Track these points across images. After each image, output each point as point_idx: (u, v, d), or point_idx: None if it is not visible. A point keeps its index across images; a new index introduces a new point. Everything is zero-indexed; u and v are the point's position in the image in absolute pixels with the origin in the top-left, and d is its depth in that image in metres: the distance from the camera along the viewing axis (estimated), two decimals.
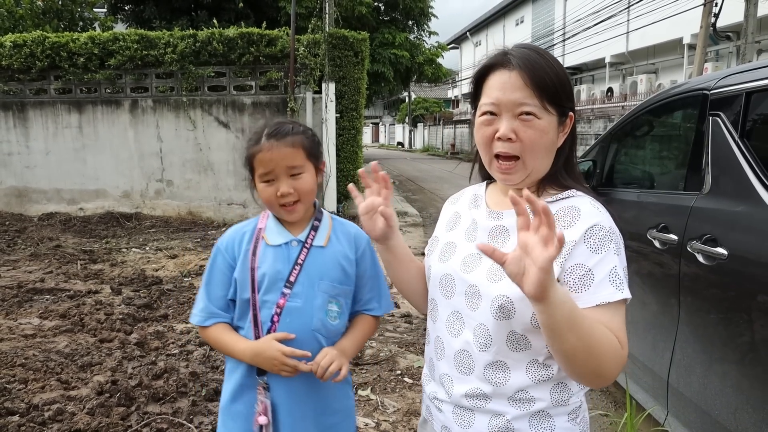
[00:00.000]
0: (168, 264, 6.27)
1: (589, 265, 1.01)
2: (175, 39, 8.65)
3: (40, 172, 9.35)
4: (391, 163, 26.42)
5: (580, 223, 1.04)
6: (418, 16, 17.65)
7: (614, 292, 1.00)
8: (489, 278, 1.10)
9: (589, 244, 1.02)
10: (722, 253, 1.97)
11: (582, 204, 1.07)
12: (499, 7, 32.75)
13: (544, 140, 1.07)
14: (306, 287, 1.39)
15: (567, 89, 1.10)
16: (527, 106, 1.05)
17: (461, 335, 1.14)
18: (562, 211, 1.07)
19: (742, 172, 2.01)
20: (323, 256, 1.42)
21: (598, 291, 1.00)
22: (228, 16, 13.89)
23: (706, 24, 11.98)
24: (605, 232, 1.03)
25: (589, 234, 1.03)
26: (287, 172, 1.36)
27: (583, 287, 1.01)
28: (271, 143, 1.36)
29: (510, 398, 1.10)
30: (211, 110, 8.96)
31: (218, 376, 3.34)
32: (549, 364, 1.09)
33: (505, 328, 1.08)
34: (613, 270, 1.01)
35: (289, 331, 1.38)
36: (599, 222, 1.04)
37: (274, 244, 1.42)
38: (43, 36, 8.88)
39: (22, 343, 3.83)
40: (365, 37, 9.47)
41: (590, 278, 1.01)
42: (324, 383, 1.39)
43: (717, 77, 2.31)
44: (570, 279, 1.02)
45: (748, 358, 1.89)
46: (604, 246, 1.02)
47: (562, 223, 1.05)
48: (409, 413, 2.99)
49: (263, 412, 1.37)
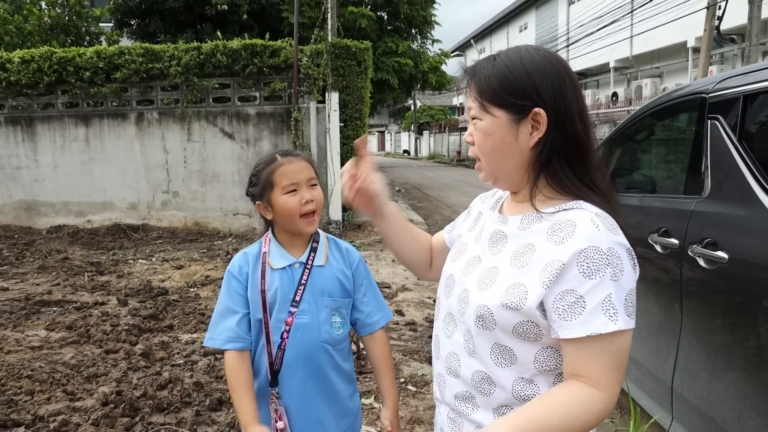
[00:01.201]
0: (174, 275, 6.30)
1: (581, 292, 0.94)
2: (179, 52, 8.74)
3: (48, 185, 9.45)
4: (397, 171, 26.46)
5: (572, 242, 0.96)
6: (421, 25, 17.73)
7: (606, 323, 0.93)
8: (477, 285, 1.08)
9: (582, 268, 0.94)
10: (723, 257, 1.96)
11: (580, 219, 0.98)
12: (503, 14, 32.85)
13: (489, 141, 1.07)
14: (311, 304, 1.51)
15: (517, 86, 1.02)
16: (472, 110, 1.09)
17: (453, 337, 1.14)
18: (557, 225, 1.00)
19: (742, 176, 2.00)
20: (323, 275, 1.54)
21: (589, 321, 0.93)
22: (232, 28, 14.01)
23: (710, 27, 11.95)
24: (601, 255, 0.94)
25: (582, 257, 0.95)
26: (307, 182, 1.50)
27: (573, 315, 0.95)
28: (289, 158, 1.51)
29: (495, 410, 1.08)
30: (215, 121, 9.03)
31: (222, 386, 3.35)
32: (536, 382, 1.05)
33: (488, 339, 1.06)
34: (607, 298, 0.94)
35: (300, 344, 1.50)
36: (594, 244, 0.95)
37: (278, 267, 1.53)
38: (50, 51, 9.00)
39: (29, 354, 3.86)
40: (368, 47, 9.52)
41: (581, 306, 0.94)
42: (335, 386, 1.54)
43: (715, 80, 2.30)
44: (559, 306, 0.96)
45: (752, 362, 1.87)
46: (599, 271, 0.94)
47: (554, 239, 0.99)
48: (413, 421, 2.98)
49: (279, 418, 1.50)
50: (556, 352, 1.02)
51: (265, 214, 1.55)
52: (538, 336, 1.01)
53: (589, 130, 1.07)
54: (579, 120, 1.04)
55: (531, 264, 1.01)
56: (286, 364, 1.50)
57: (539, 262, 0.99)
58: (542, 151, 1.04)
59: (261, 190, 1.51)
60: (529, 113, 1.02)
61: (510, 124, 1.04)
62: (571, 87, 1.04)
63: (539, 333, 1.01)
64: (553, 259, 0.97)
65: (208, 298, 5.35)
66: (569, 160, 1.05)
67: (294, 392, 1.51)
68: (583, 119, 1.06)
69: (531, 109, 1.02)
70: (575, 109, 1.04)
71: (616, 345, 0.95)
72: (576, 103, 1.04)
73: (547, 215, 1.04)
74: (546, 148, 1.04)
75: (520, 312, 0.99)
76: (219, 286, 5.96)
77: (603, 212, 1.01)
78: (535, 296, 0.98)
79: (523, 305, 0.98)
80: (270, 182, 1.49)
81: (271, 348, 1.49)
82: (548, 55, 1.06)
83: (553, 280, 0.96)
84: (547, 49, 1.10)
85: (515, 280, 1.01)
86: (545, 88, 1.02)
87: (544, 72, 1.03)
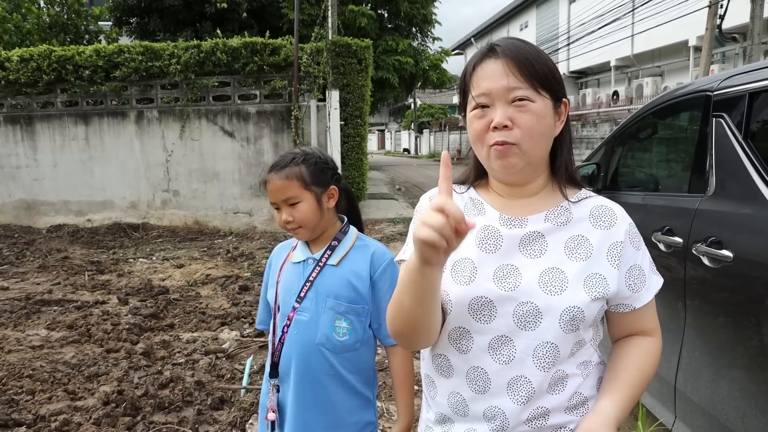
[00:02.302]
0: (175, 273, 6.29)
1: (639, 263, 1.08)
2: (179, 50, 8.72)
3: (48, 184, 9.43)
4: (397, 170, 26.45)
5: (620, 223, 1.08)
6: (421, 23, 17.69)
7: (658, 279, 1.12)
8: (546, 290, 1.02)
9: (633, 243, 1.08)
10: (728, 256, 1.95)
11: (609, 203, 1.11)
12: (504, 12, 32.81)
13: (541, 125, 1.00)
14: (314, 303, 1.48)
15: (557, 75, 1.05)
16: (520, 90, 0.99)
17: (513, 361, 1.03)
18: (596, 210, 1.09)
19: (747, 174, 1.99)
20: (333, 275, 1.50)
21: (651, 284, 1.10)
22: (232, 26, 13.98)
23: (712, 26, 11.93)
24: (635, 228, 1.10)
25: (630, 234, 1.08)
26: (285, 202, 1.47)
27: (641, 286, 1.08)
28: (271, 176, 1.49)
29: (566, 409, 1.06)
30: (216, 120, 9.01)
31: (224, 385, 3.34)
32: (594, 351, 1.13)
33: (573, 339, 1.04)
34: (650, 261, 1.11)
35: (296, 342, 1.48)
36: (630, 220, 1.10)
37: (294, 261, 1.55)
38: (49, 50, 8.98)
39: (30, 354, 3.85)
40: (368, 45, 9.51)
41: (643, 275, 1.08)
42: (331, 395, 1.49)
43: (720, 78, 2.29)
44: (630, 282, 1.07)
45: (756, 362, 1.86)
46: (640, 241, 1.10)
47: (602, 224, 1.08)
48: (416, 419, 2.97)
49: (272, 409, 1.52)
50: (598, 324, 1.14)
51: None
52: (601, 314, 1.11)
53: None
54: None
55: (594, 253, 1.05)
56: (284, 358, 1.50)
57: (601, 248, 1.05)
58: (565, 140, 1.10)
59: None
60: (562, 102, 1.07)
61: (551, 110, 1.05)
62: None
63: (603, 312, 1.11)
64: (614, 242, 1.06)
65: (208, 296, 5.34)
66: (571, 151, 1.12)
67: (288, 389, 1.50)
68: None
69: (562, 98, 1.07)
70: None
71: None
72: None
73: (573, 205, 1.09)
74: (567, 137, 1.10)
75: (604, 299, 1.05)
76: (219, 285, 5.97)
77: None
78: (614, 280, 1.05)
79: (608, 292, 1.04)
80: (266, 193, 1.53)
81: (275, 338, 1.52)
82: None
83: (619, 260, 1.06)
84: None
85: (588, 272, 1.04)
86: (560, 79, 1.07)
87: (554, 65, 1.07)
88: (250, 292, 5.39)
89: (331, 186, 1.52)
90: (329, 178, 1.53)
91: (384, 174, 23.63)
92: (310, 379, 1.48)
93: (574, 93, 25.37)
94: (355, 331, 1.49)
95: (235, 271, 6.26)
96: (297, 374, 1.48)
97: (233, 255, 7.11)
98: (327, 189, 1.51)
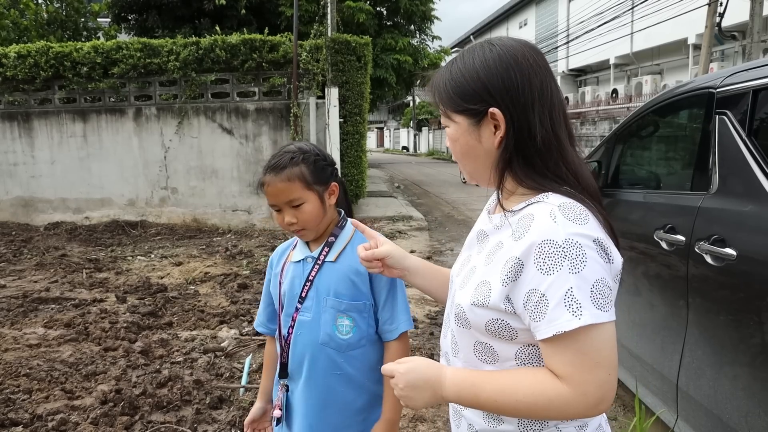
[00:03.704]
0: (173, 271, 6.27)
1: (542, 290, 0.90)
2: (177, 47, 8.68)
3: (45, 181, 9.39)
4: (396, 168, 26.43)
5: (527, 237, 0.93)
6: (420, 21, 17.64)
7: (570, 320, 0.87)
8: (459, 285, 1.10)
9: (538, 264, 0.90)
10: (731, 254, 1.93)
11: (539, 212, 0.94)
12: (503, 10, 32.78)
13: (456, 147, 1.08)
14: (315, 302, 1.47)
15: (468, 89, 1.01)
16: (441, 118, 1.10)
17: (446, 338, 1.16)
18: (521, 220, 0.98)
19: (750, 171, 1.97)
20: (332, 272, 1.47)
21: (553, 320, 0.89)
22: (230, 23, 13.92)
23: (711, 24, 11.92)
24: (556, 248, 0.89)
25: (537, 253, 0.91)
26: (288, 204, 1.42)
27: (540, 315, 0.91)
28: (269, 178, 1.42)
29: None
30: (214, 117, 8.98)
31: (222, 384, 3.32)
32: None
33: (468, 338, 1.06)
34: (568, 293, 0.88)
35: (300, 343, 1.48)
36: (549, 237, 0.90)
37: (294, 261, 1.53)
38: (47, 46, 8.93)
39: (27, 352, 3.83)
40: (368, 42, 9.48)
41: (545, 305, 0.90)
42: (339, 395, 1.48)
43: (723, 75, 2.27)
44: (529, 307, 0.92)
45: (759, 360, 1.84)
46: (557, 265, 0.89)
47: (515, 235, 0.97)
48: (415, 419, 2.96)
49: (278, 407, 1.52)
50: (537, 350, 0.99)
51: None
52: (513, 336, 0.98)
53: (550, 118, 1.00)
54: (531, 110, 0.98)
55: (496, 261, 1.00)
56: (291, 359, 1.49)
57: (501, 259, 0.98)
58: (504, 150, 1.01)
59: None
60: (487, 115, 1.00)
61: (471, 128, 1.03)
62: (521, 78, 0.98)
63: (514, 333, 0.98)
64: (510, 256, 0.95)
65: (207, 294, 5.32)
66: (528, 155, 1.00)
67: (297, 389, 1.50)
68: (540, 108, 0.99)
69: (486, 111, 1.00)
70: (526, 100, 0.98)
71: (583, 342, 0.89)
72: (528, 93, 0.98)
73: (516, 212, 1.01)
74: (506, 146, 1.01)
75: (487, 309, 0.98)
76: (218, 283, 5.95)
77: (571, 202, 0.95)
78: (497, 293, 0.96)
79: (488, 302, 0.98)
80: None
81: (281, 341, 1.52)
82: (502, 48, 1.01)
83: (510, 276, 0.94)
84: (510, 40, 1.04)
85: (483, 278, 1.01)
86: (495, 86, 0.99)
87: (493, 69, 0.99)
88: (248, 290, 5.37)
89: (332, 183, 1.49)
90: (329, 174, 1.49)
91: (383, 172, 23.61)
92: (318, 379, 1.46)
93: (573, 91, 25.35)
94: (358, 328, 1.46)
95: (234, 269, 6.24)
96: (304, 375, 1.48)
97: (232, 253, 7.09)
98: (328, 186, 1.48)
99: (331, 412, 1.47)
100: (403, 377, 1.03)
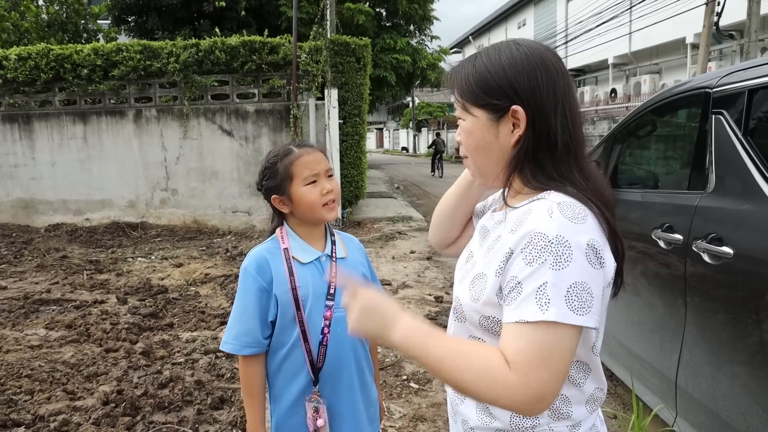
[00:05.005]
0: (173, 273, 6.28)
1: (520, 278, 0.91)
2: (177, 49, 8.69)
3: (46, 183, 9.41)
4: (396, 168, 26.44)
5: (521, 228, 0.94)
6: (420, 21, 17.66)
7: (536, 312, 0.87)
8: (459, 279, 1.12)
9: (524, 254, 0.91)
10: (728, 252, 1.95)
11: (537, 208, 0.95)
12: (501, 10, 32.81)
13: (470, 140, 1.08)
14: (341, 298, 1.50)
15: (494, 84, 1.01)
16: (457, 111, 1.10)
17: (449, 329, 1.18)
18: (520, 215, 0.99)
19: (747, 171, 1.99)
20: (348, 266, 1.55)
21: (520, 308, 0.89)
22: (230, 24, 13.94)
23: (709, 23, 11.94)
24: (544, 242, 0.90)
25: (525, 244, 0.92)
26: (326, 173, 1.49)
27: (510, 301, 0.92)
28: (307, 149, 1.49)
29: (476, 405, 1.08)
30: (214, 119, 9.00)
31: (223, 385, 3.34)
32: None
33: (464, 331, 1.08)
34: (542, 287, 0.88)
35: (340, 338, 1.48)
36: (541, 230, 0.91)
37: (305, 262, 1.50)
38: (47, 48, 8.95)
39: (28, 354, 3.84)
40: (367, 43, 9.49)
41: (518, 292, 0.91)
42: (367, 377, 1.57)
43: (719, 75, 2.29)
44: (506, 292, 0.94)
45: (757, 358, 1.86)
46: (539, 258, 0.89)
47: (514, 228, 0.97)
48: (416, 419, 2.97)
49: (320, 415, 1.47)
50: None
51: (282, 207, 1.51)
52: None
53: (572, 123, 1.01)
54: (554, 114, 1.00)
55: (492, 254, 1.01)
56: (330, 359, 1.47)
57: (498, 251, 0.99)
58: (520, 149, 1.02)
59: (279, 183, 1.48)
60: (508, 111, 1.01)
61: (490, 123, 1.03)
62: (547, 81, 1.00)
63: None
64: (505, 247, 0.97)
65: (207, 296, 5.34)
66: (542, 157, 1.01)
67: (341, 388, 1.51)
68: (563, 112, 1.01)
69: (509, 107, 1.00)
70: (550, 102, 1.00)
71: (541, 336, 0.87)
72: (552, 96, 1.00)
73: (518, 208, 1.02)
74: (524, 145, 1.01)
75: (482, 304, 1.00)
76: (218, 284, 5.94)
77: (571, 200, 0.96)
78: (491, 285, 0.98)
79: (483, 297, 0.99)
80: (289, 174, 1.47)
81: (309, 346, 1.46)
82: (529, 49, 1.02)
83: (501, 266, 0.96)
84: (535, 43, 1.05)
85: (480, 271, 1.03)
86: (521, 84, 1.00)
87: (520, 68, 1.00)
88: None
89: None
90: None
91: (383, 173, 23.61)
92: (358, 368, 1.54)
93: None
94: None
95: (234, 270, 6.25)
96: (350, 369, 1.52)
97: (232, 254, 7.10)
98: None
99: (364, 394, 1.57)
100: (365, 298, 1.02)
